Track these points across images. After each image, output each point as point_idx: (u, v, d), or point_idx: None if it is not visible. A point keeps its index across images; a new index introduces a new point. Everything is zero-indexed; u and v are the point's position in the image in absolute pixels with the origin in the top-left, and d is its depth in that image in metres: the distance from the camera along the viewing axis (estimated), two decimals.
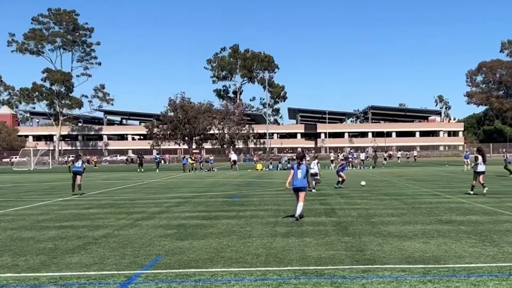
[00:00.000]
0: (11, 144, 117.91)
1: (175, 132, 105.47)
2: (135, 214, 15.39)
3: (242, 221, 13.27)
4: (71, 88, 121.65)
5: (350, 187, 25.04)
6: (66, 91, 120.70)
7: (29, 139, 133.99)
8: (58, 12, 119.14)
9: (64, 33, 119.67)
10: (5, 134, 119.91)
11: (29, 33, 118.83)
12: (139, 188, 27.76)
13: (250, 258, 8.70)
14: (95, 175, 46.72)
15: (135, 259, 8.81)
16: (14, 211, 16.97)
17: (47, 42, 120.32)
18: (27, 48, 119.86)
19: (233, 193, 22.67)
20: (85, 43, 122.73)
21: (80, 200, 20.80)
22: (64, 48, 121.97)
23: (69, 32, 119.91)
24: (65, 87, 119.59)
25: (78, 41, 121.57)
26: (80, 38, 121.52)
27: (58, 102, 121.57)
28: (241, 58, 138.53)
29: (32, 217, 15.17)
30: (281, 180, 31.79)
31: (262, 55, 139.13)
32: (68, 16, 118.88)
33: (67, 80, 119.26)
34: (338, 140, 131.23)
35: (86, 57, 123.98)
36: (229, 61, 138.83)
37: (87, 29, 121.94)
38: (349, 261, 8.36)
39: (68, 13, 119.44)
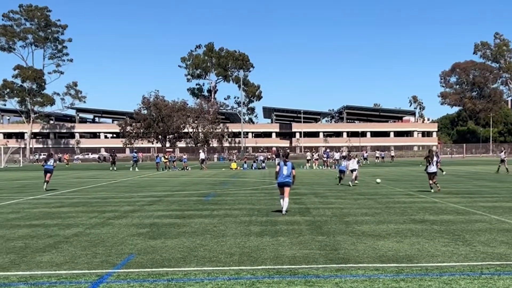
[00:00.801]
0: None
1: (148, 131, 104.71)
2: (108, 213, 15.20)
3: (216, 220, 13.20)
4: (43, 85, 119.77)
5: (325, 186, 25.14)
6: (37, 88, 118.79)
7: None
8: (30, 8, 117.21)
9: (36, 30, 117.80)
10: None
11: (0, 29, 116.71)
12: (111, 186, 27.45)
13: (224, 257, 8.65)
14: (67, 173, 46.11)
15: (107, 258, 8.70)
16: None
17: (19, 39, 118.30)
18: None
19: (207, 192, 22.57)
20: (57, 40, 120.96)
21: (51, 198, 20.48)
22: (36, 45, 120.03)
23: (41, 28, 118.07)
24: (36, 84, 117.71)
25: (50, 38, 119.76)
26: (52, 35, 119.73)
27: (30, 99, 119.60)
28: (216, 57, 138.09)
29: (2, 215, 14.92)
30: (256, 180, 31.78)
31: (237, 54, 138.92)
32: (40, 13, 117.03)
33: (39, 77, 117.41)
34: (313, 139, 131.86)
35: (58, 54, 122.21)
36: (204, 59, 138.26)
37: (60, 26, 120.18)
38: (323, 260, 8.36)
39: (40, 10, 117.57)
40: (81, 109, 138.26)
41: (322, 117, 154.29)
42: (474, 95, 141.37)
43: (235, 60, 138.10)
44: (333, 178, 31.62)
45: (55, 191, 24.41)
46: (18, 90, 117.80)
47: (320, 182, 28.68)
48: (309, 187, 24.72)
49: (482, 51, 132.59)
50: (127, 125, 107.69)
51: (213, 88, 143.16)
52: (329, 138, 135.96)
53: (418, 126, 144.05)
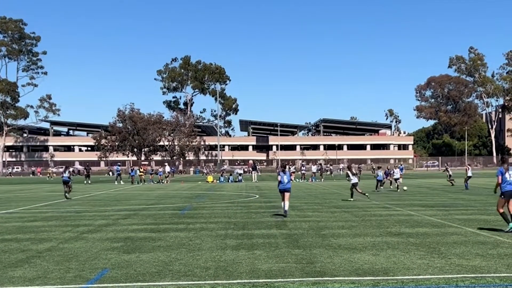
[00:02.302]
0: None
1: (123, 144, 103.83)
2: (81, 227, 14.98)
3: (191, 234, 13.09)
4: (17, 98, 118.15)
5: (302, 199, 25.15)
6: (11, 101, 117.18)
7: None
8: (3, 20, 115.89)
9: (9, 42, 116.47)
10: None
11: None
12: (86, 200, 27.11)
13: (199, 271, 8.56)
14: (41, 187, 45.41)
15: (80, 272, 8.56)
16: None
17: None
18: None
19: (182, 206, 22.40)
20: (31, 52, 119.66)
21: (24, 212, 20.13)
22: (9, 57, 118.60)
23: (15, 41, 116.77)
24: (10, 97, 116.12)
25: (24, 50, 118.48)
26: (26, 47, 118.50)
27: (3, 112, 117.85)
28: (192, 70, 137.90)
29: None
30: (232, 193, 31.68)
31: (213, 67, 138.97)
32: (14, 25, 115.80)
33: (13, 90, 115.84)
34: (290, 152, 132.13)
35: (32, 66, 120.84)
36: (180, 72, 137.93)
37: (34, 38, 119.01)
38: (299, 273, 8.32)
39: (14, 22, 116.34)
40: (55, 122, 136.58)
41: (299, 130, 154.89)
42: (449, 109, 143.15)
43: (212, 73, 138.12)
44: (309, 191, 31.72)
45: (29, 205, 24.01)
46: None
47: (296, 195, 28.66)
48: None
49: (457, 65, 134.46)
50: (102, 138, 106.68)
51: (190, 101, 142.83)
52: (306, 151, 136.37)
53: (394, 139, 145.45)
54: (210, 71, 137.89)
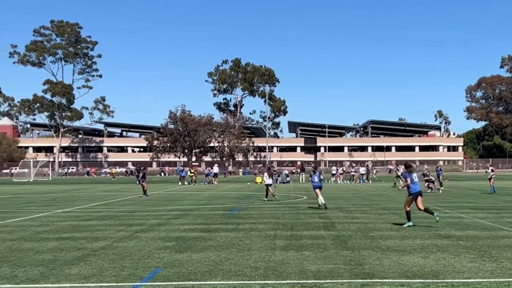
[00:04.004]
0: (11, 155, 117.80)
1: (175, 145, 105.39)
2: (134, 226, 15.39)
3: (241, 234, 13.27)
4: (72, 100, 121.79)
5: (350, 201, 25.05)
6: (67, 103, 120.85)
7: (29, 150, 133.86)
8: (61, 24, 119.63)
9: (66, 45, 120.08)
10: (5, 145, 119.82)
11: (30, 45, 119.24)
12: (138, 200, 27.75)
13: (249, 271, 8.70)
14: (95, 187, 46.69)
15: (134, 271, 8.81)
16: (14, 222, 16.97)
17: (49, 54, 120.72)
18: (29, 60, 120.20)
19: (232, 206, 22.67)
20: (87, 56, 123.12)
21: (80, 211, 20.81)
22: (65, 60, 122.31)
23: (71, 44, 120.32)
24: (66, 99, 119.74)
25: (80, 54, 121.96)
26: (81, 50, 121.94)
27: (59, 113, 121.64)
28: (242, 72, 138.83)
29: (31, 228, 15.16)
30: (280, 194, 31.78)
31: (263, 69, 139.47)
32: (71, 29, 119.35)
33: (68, 92, 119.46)
34: (338, 154, 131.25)
35: (88, 69, 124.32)
36: (230, 74, 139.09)
37: (90, 42, 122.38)
38: (347, 275, 8.37)
39: (70, 26, 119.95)
40: (109, 123, 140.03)
41: (347, 131, 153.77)
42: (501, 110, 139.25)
43: (261, 75, 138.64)
44: (356, 193, 31.54)
45: (84, 204, 24.79)
46: (47, 104, 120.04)
47: (344, 197, 28.60)
48: (333, 202, 24.62)
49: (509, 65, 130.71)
50: (154, 139, 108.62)
51: (239, 102, 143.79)
52: (354, 152, 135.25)
53: (444, 140, 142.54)
54: (260, 73, 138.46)
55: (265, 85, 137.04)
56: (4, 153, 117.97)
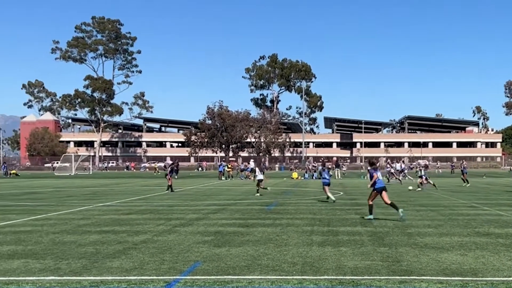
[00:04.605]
0: (53, 149, 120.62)
1: (212, 140, 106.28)
2: (174, 220, 15.62)
3: (278, 229, 13.36)
4: (112, 96, 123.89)
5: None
6: (107, 98, 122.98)
7: (70, 145, 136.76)
8: (102, 20, 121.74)
9: (106, 42, 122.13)
10: (48, 139, 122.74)
11: (72, 41, 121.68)
12: (177, 195, 28.11)
13: (287, 266, 8.76)
14: (135, 181, 47.43)
15: (174, 264, 8.95)
16: (56, 215, 17.39)
17: (90, 50, 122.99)
18: (70, 55, 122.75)
19: (269, 202, 22.78)
20: (127, 52, 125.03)
21: (120, 205, 21.22)
22: (106, 56, 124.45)
23: (111, 40, 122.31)
24: (106, 94, 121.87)
25: (120, 50, 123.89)
26: (122, 46, 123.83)
27: (99, 109, 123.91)
28: (279, 67, 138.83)
29: (73, 221, 15.51)
30: (316, 189, 31.74)
31: (299, 65, 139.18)
32: (111, 25, 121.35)
33: (108, 88, 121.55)
34: (374, 149, 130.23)
35: (127, 65, 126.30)
36: (267, 70, 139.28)
37: (129, 38, 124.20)
38: (385, 271, 8.36)
39: (111, 22, 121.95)
40: (148, 118, 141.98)
41: (383, 127, 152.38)
42: None
43: (298, 70, 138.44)
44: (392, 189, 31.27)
45: (124, 198, 25.26)
46: (88, 100, 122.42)
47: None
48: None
49: None
50: (192, 134, 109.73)
51: (276, 98, 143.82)
52: (390, 148, 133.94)
53: (482, 136, 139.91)
54: (297, 68, 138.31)
55: (302, 80, 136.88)
56: (46, 147, 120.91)
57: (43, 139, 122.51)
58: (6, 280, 7.82)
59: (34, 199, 25.36)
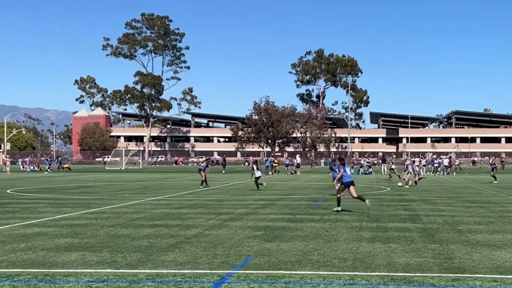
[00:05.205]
0: (104, 144, 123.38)
1: (259, 135, 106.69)
2: (223, 215, 15.84)
3: (327, 225, 13.40)
4: (161, 91, 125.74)
5: (434, 193, 24.57)
6: (156, 94, 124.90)
7: (120, 139, 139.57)
8: (151, 17, 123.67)
9: (155, 38, 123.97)
10: (99, 134, 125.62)
11: (122, 37, 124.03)
12: (225, 189, 28.43)
13: (337, 262, 8.81)
14: (184, 176, 48.12)
15: (226, 259, 9.08)
16: (110, 209, 17.85)
17: (140, 47, 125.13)
18: (121, 52, 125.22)
19: (316, 197, 22.81)
20: (175, 48, 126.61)
21: (170, 199, 21.62)
22: (155, 52, 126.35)
23: (161, 36, 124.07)
24: (155, 90, 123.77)
25: (169, 46, 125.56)
26: (170, 42, 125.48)
27: (149, 104, 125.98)
28: (325, 63, 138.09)
29: (126, 215, 15.88)
30: (363, 185, 31.56)
31: (346, 60, 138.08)
32: (160, 22, 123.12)
33: (158, 84, 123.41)
34: (420, 145, 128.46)
35: (176, 61, 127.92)
36: (313, 65, 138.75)
37: (178, 34, 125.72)
38: (437, 269, 8.31)
39: (160, 19, 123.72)
40: (196, 114, 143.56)
41: (430, 122, 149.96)
42: None
43: (344, 65, 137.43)
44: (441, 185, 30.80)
45: (174, 192, 25.71)
46: (138, 95, 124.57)
47: (428, 189, 28.06)
48: (417, 194, 24.32)
49: None
50: (239, 129, 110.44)
51: (322, 93, 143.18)
52: (437, 143, 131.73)
53: None
54: (343, 63, 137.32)
55: (348, 75, 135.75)
56: (97, 142, 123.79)
57: (94, 133, 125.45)
58: (65, 272, 8.05)
59: (87, 193, 26.08)
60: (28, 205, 19.01)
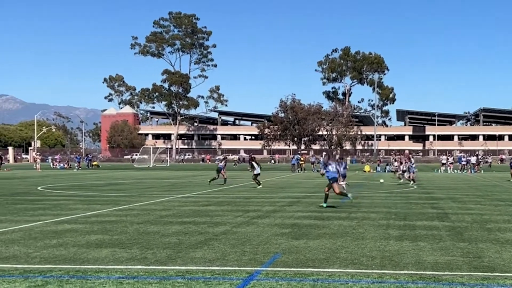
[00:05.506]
0: (132, 141, 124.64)
1: (285, 133, 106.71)
2: (251, 212, 15.93)
3: (354, 223, 13.41)
4: (189, 89, 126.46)
5: (461, 191, 24.33)
6: (183, 92, 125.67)
7: (148, 137, 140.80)
8: (178, 15, 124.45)
9: (183, 36, 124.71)
10: (127, 132, 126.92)
11: (150, 36, 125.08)
12: (252, 186, 28.52)
13: (365, 260, 8.82)
14: (210, 174, 48.31)
15: (255, 256, 9.14)
16: (139, 206, 18.06)
17: (167, 45, 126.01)
18: (149, 50, 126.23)
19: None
20: (203, 46, 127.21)
21: (198, 197, 21.81)
22: (182, 50, 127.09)
23: (188, 35, 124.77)
24: (182, 88, 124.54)
25: (196, 44, 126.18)
26: (198, 41, 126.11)
27: (176, 102, 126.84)
28: (351, 60, 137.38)
29: (155, 212, 16.05)
30: (390, 183, 31.37)
31: (372, 57, 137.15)
32: (188, 20, 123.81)
33: (185, 82, 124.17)
34: (447, 142, 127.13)
35: (203, 59, 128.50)
36: (340, 63, 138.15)
37: (205, 33, 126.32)
38: (466, 267, 8.28)
39: (188, 17, 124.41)
40: (223, 112, 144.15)
41: (457, 120, 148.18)
42: None
43: (370, 63, 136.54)
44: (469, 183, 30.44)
45: (201, 190, 25.91)
46: (165, 94, 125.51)
47: (456, 187, 27.80)
48: (445, 192, 24.14)
49: None
50: (265, 127, 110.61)
51: (348, 91, 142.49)
52: (464, 141, 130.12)
53: None
54: (369, 61, 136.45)
55: (374, 73, 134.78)
56: (126, 140, 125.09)
57: (123, 131, 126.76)
58: (96, 269, 8.18)
59: (116, 190, 26.42)
60: (59, 202, 19.34)
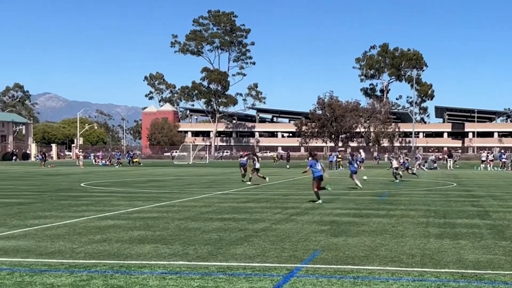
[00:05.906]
0: (172, 139, 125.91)
1: (322, 130, 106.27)
2: (289, 209, 16.02)
3: (393, 220, 13.37)
4: (227, 87, 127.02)
5: (502, 189, 23.93)
6: (222, 90, 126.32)
7: (188, 134, 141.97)
8: (217, 13, 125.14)
9: (222, 34, 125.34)
10: (167, 129, 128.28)
11: (190, 34, 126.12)
12: (290, 183, 28.60)
13: (405, 257, 8.80)
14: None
15: (294, 253, 9.21)
16: (179, 202, 18.32)
17: (207, 43, 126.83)
18: (188, 48, 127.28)
19: (381, 192, 22.66)
20: (241, 44, 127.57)
21: (237, 194, 22.00)
22: (221, 48, 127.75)
23: (227, 33, 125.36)
24: (221, 86, 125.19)
25: (235, 42, 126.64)
26: (236, 39, 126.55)
27: (215, 100, 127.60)
28: (389, 57, 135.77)
29: (195, 208, 16.27)
30: (428, 180, 31.00)
31: (411, 53, 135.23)
32: (226, 18, 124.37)
33: (224, 79, 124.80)
34: (487, 139, 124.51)
35: (242, 57, 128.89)
36: (378, 59, 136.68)
37: (244, 30, 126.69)
38: (509, 266, 8.20)
39: (226, 15, 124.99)
40: (261, 109, 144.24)
41: (497, 116, 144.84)
42: None
43: (409, 59, 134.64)
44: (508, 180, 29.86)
45: (240, 187, 26.07)
46: (205, 91, 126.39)
47: (496, 184, 27.33)
48: (485, 189, 23.81)
49: None
50: (302, 124, 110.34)
51: (386, 88, 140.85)
52: (504, 138, 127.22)
53: None
54: (407, 57, 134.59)
55: (413, 69, 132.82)
56: (166, 137, 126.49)
57: (163, 129, 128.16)
58: (139, 264, 8.37)
59: (157, 186, 26.82)
60: (102, 198, 19.76)
